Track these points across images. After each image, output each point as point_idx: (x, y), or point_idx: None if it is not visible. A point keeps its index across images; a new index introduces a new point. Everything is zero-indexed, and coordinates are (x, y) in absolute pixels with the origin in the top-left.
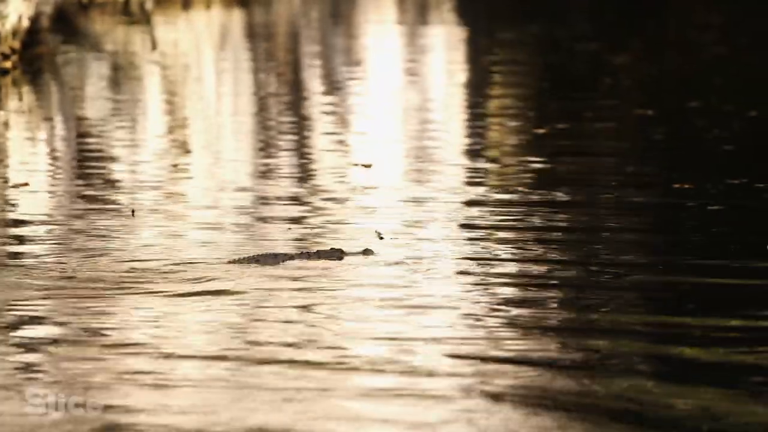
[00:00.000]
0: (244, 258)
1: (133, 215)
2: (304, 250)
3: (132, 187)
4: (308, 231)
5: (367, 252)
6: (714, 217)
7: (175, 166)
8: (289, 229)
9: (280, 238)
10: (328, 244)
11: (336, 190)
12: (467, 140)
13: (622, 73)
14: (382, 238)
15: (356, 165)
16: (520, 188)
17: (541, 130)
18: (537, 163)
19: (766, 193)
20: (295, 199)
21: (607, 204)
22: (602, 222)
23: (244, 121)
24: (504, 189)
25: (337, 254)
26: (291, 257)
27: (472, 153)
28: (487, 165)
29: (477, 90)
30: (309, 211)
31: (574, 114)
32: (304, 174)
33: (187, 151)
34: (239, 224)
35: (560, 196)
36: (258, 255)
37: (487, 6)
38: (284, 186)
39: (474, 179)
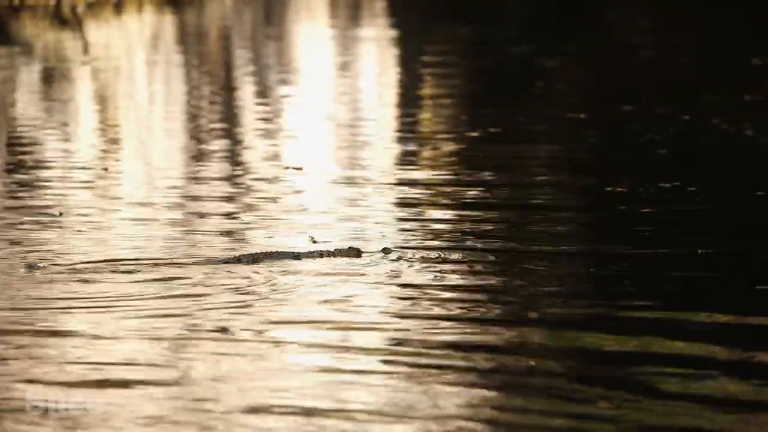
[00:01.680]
0: (244, 255)
1: (60, 216)
2: (318, 249)
3: (61, 189)
4: (240, 234)
5: (386, 251)
6: (646, 221)
7: (105, 169)
8: (222, 234)
9: (214, 241)
10: (259, 246)
11: (267, 193)
12: (399, 145)
13: (554, 76)
14: (315, 242)
15: (288, 168)
16: (452, 192)
17: (473, 134)
18: (470, 167)
19: (699, 197)
20: (226, 203)
21: (539, 207)
22: (534, 226)
23: (175, 124)
24: (437, 191)
25: (355, 252)
26: (297, 256)
27: (404, 159)
28: (420, 170)
29: (409, 93)
30: (240, 214)
31: (506, 117)
32: (235, 176)
33: (118, 154)
34: (171, 225)
35: (492, 200)
36: (262, 253)
37: (418, 8)
38: (215, 189)
39: (405, 185)
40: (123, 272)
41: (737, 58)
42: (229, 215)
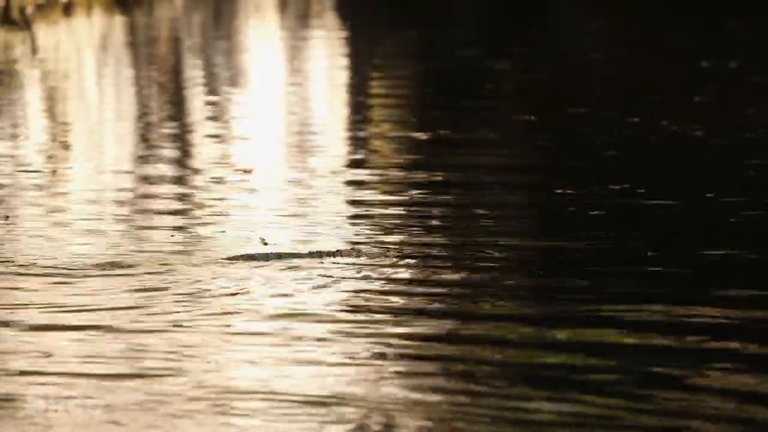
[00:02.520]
0: (242, 256)
1: (6, 220)
2: (318, 250)
3: (8, 191)
4: (190, 235)
5: (388, 250)
6: (595, 222)
7: (54, 172)
8: (173, 235)
9: (164, 242)
10: (211, 247)
11: (217, 195)
12: (348, 147)
13: (504, 79)
14: (266, 244)
15: (237, 170)
16: (402, 196)
17: (423, 136)
18: (419, 170)
19: (647, 199)
20: (176, 203)
21: (489, 209)
22: (483, 227)
23: (125, 126)
24: (386, 192)
25: (356, 253)
26: (299, 256)
27: (353, 161)
28: (369, 172)
29: (358, 95)
30: (190, 216)
31: (455, 120)
32: (185, 178)
33: (67, 157)
34: (119, 226)
35: (441, 200)
36: (259, 253)
37: (368, 10)
38: (165, 191)
39: (355, 186)
40: (72, 271)
41: (686, 60)
42: (178, 217)
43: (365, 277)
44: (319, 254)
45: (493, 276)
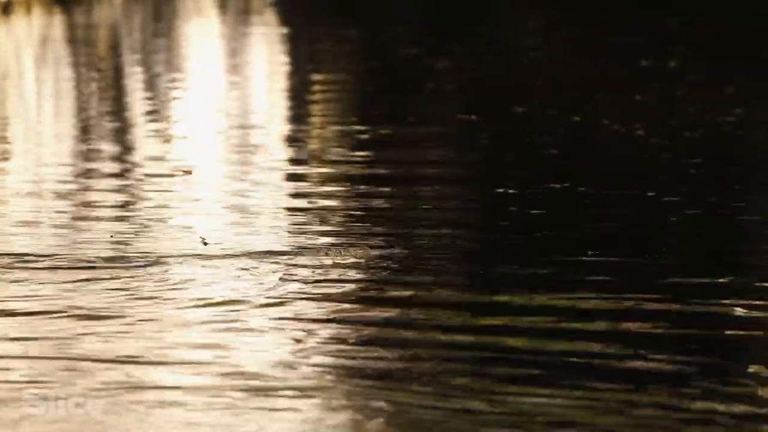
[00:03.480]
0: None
1: None
2: (330, 248)
3: None
4: (129, 235)
5: (393, 247)
6: (536, 221)
7: None
8: (112, 236)
9: (101, 241)
10: (149, 248)
11: (156, 195)
12: (289, 146)
13: (444, 77)
14: (206, 244)
15: (177, 170)
16: (343, 192)
17: (364, 134)
18: (359, 168)
19: (588, 198)
20: (115, 205)
21: (430, 208)
22: (423, 227)
23: (63, 124)
24: (326, 195)
25: (370, 248)
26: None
27: (294, 159)
28: (309, 170)
29: (298, 94)
30: (128, 215)
31: (396, 118)
32: (124, 177)
33: (5, 157)
34: (57, 225)
35: (380, 203)
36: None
37: (308, 8)
38: (103, 191)
39: (296, 183)
40: (8, 270)
41: (627, 59)
42: (117, 217)
43: (309, 269)
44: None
45: (433, 267)
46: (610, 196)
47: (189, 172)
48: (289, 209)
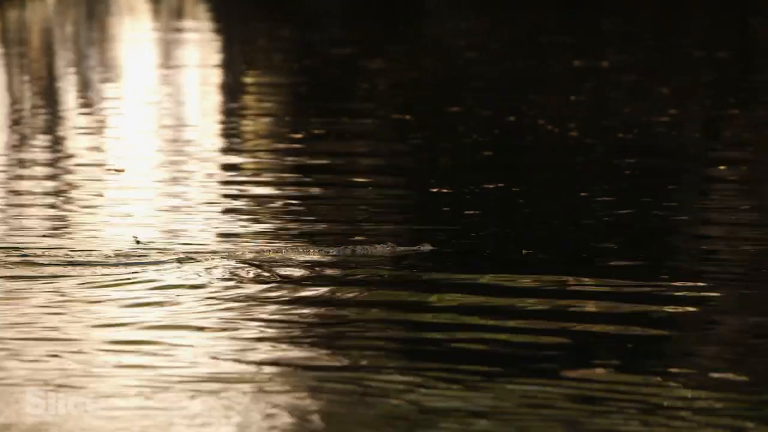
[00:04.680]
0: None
1: None
2: (351, 246)
3: None
4: (63, 234)
5: (424, 246)
6: (470, 222)
7: None
8: (44, 234)
9: (35, 241)
10: (83, 246)
11: (89, 194)
12: (222, 145)
13: (378, 78)
14: (139, 243)
15: (109, 169)
16: (276, 192)
17: (297, 136)
18: (292, 169)
19: (522, 198)
20: (50, 205)
21: (364, 208)
22: (357, 229)
23: None
24: (259, 195)
25: (390, 248)
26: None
27: (226, 158)
28: (242, 169)
29: (232, 94)
30: (63, 217)
31: (330, 119)
32: (58, 178)
33: None
34: None
35: (315, 200)
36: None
37: (242, 9)
38: (37, 192)
39: (229, 183)
40: None
41: (560, 59)
42: (51, 217)
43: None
44: (353, 250)
45: (367, 269)
46: (543, 195)
47: (121, 171)
48: (222, 207)
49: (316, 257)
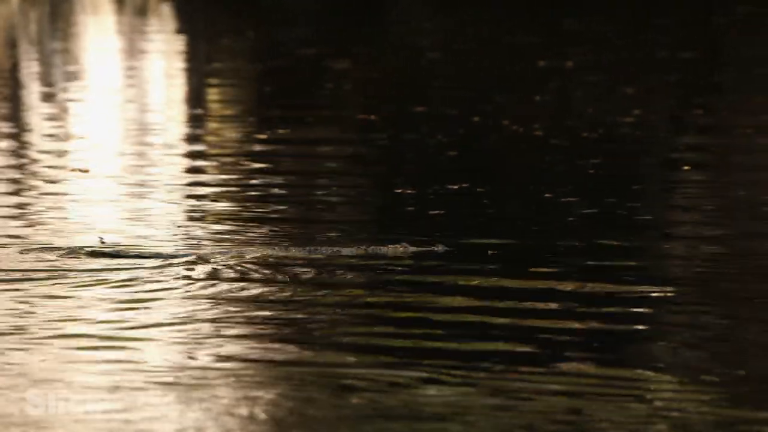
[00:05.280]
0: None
1: None
2: (364, 246)
3: None
4: (28, 234)
5: (438, 246)
6: (434, 222)
7: None
8: (8, 235)
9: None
10: (47, 246)
11: (53, 195)
12: (187, 147)
13: (343, 78)
14: (104, 243)
15: (74, 170)
16: (241, 194)
17: (262, 136)
18: (257, 170)
19: (487, 198)
20: (11, 204)
21: (329, 208)
22: (321, 232)
23: None
24: (224, 195)
25: (403, 248)
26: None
27: (192, 160)
28: (207, 172)
29: (197, 95)
30: (27, 217)
31: (295, 120)
32: (22, 178)
33: None
34: None
35: (280, 201)
36: (310, 248)
37: (205, 12)
38: (1, 190)
39: (193, 185)
40: None
41: (524, 60)
42: (15, 216)
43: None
44: (365, 249)
45: (331, 270)
46: (508, 196)
47: (86, 171)
48: (186, 208)
49: (324, 256)
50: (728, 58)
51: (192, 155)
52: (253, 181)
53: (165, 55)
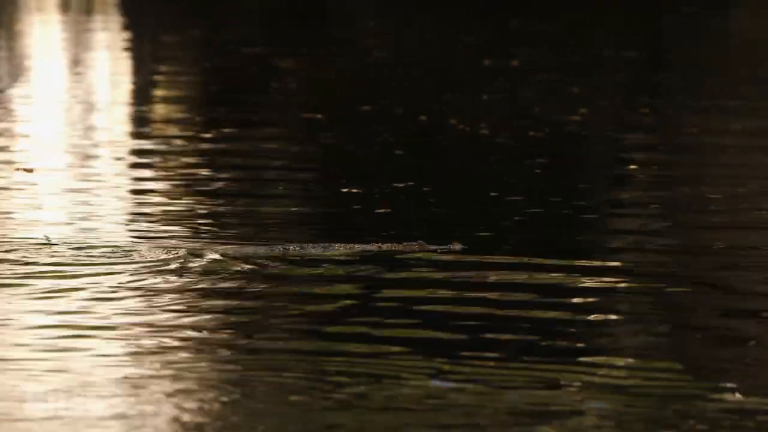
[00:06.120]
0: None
1: None
2: (379, 243)
3: None
4: None
5: (454, 245)
6: (381, 221)
7: None
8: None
9: None
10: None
11: None
12: (133, 145)
13: (289, 76)
14: (49, 241)
15: (18, 169)
16: (187, 193)
17: (207, 135)
18: (203, 168)
19: (434, 198)
20: None
21: (274, 208)
22: (269, 227)
23: None
24: (169, 195)
25: (419, 246)
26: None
27: (138, 159)
28: (154, 171)
29: (143, 94)
30: None
31: (241, 118)
32: None
33: None
34: None
35: (226, 201)
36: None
37: (151, 9)
38: None
39: (139, 184)
40: None
41: (470, 59)
42: None
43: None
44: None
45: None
46: (454, 195)
47: (30, 171)
48: (132, 208)
49: (337, 253)
50: (673, 58)
51: (137, 153)
52: (199, 179)
53: (110, 53)
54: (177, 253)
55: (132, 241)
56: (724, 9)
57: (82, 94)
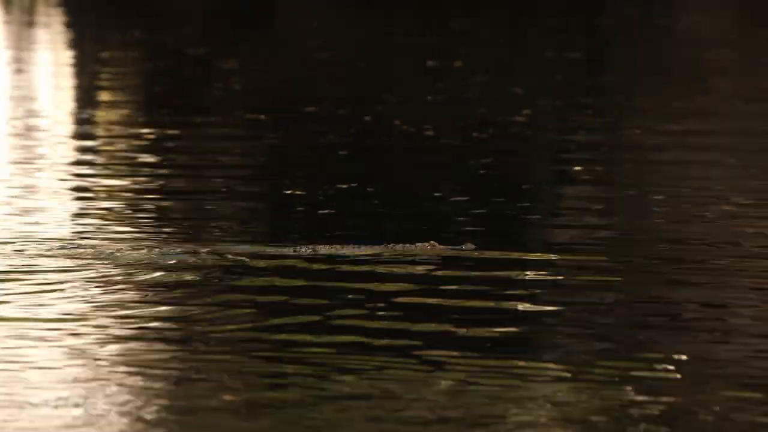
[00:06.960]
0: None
1: None
2: (392, 244)
3: None
4: None
5: (467, 245)
6: (323, 222)
7: None
8: None
9: None
10: None
11: None
12: (75, 146)
13: (232, 77)
14: None
15: None
16: (129, 194)
17: (150, 136)
18: (146, 170)
19: (377, 198)
20: None
21: (217, 209)
22: (211, 228)
23: None
24: (112, 196)
25: (431, 246)
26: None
27: (80, 160)
28: (95, 171)
29: (85, 95)
30: None
31: (184, 120)
32: None
33: None
34: None
35: (169, 202)
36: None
37: (95, 8)
38: None
39: (81, 187)
40: None
41: (413, 60)
42: None
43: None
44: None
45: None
46: (398, 196)
47: None
48: (73, 210)
49: (343, 253)
50: (615, 59)
51: (80, 154)
52: (142, 181)
53: (52, 55)
54: (120, 252)
55: (71, 243)
56: (666, 10)
57: (23, 95)
